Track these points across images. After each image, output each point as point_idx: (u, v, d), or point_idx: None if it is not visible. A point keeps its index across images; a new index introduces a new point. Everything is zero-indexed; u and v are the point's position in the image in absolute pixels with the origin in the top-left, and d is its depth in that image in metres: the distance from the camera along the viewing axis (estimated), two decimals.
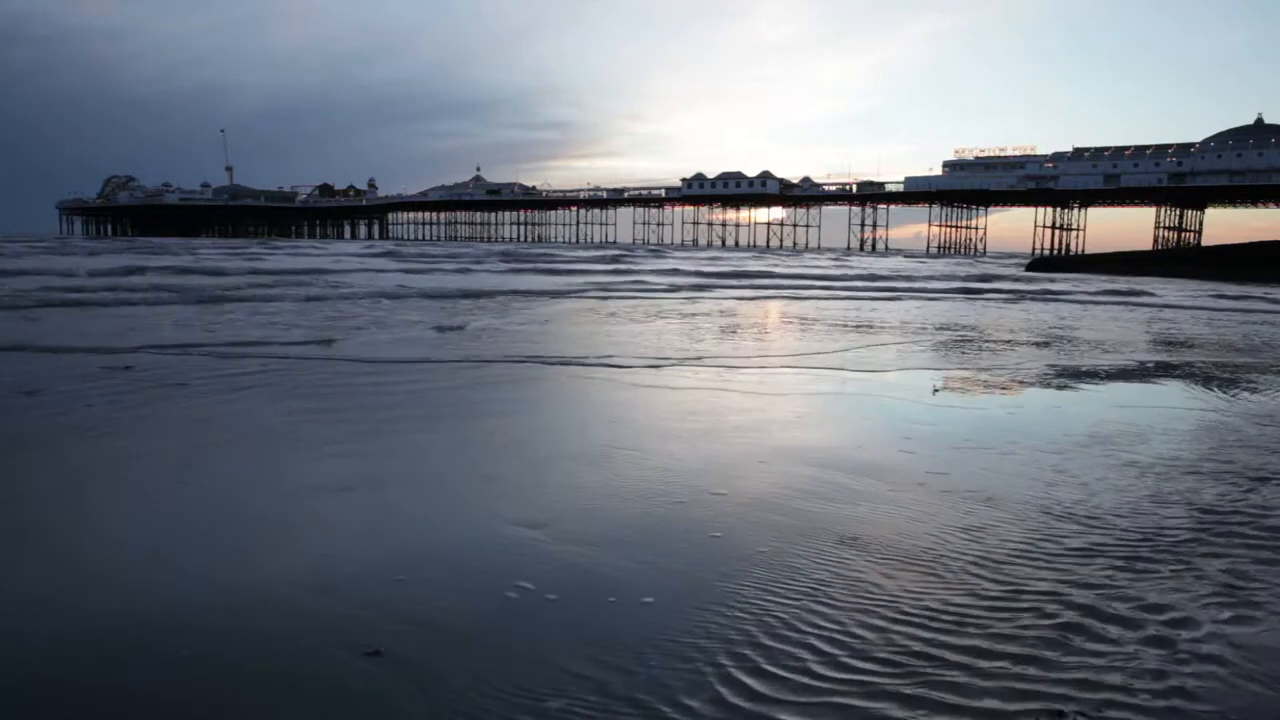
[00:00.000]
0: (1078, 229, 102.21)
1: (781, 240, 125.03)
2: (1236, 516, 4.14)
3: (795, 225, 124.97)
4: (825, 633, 2.90)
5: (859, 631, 2.91)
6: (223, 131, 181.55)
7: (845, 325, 14.34)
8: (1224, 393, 7.97)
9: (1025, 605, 3.12)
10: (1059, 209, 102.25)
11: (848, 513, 4.15)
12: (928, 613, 3.05)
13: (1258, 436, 5.98)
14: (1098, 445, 5.60)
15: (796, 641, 2.84)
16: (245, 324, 12.04)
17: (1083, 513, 4.16)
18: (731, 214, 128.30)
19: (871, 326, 14.26)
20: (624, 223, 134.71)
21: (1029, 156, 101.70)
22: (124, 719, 2.38)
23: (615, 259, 44.32)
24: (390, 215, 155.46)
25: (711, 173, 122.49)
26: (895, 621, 2.98)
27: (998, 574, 3.40)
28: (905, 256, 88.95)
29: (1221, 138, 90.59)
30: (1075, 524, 4.00)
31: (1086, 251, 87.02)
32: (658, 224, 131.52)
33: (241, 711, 2.41)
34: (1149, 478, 4.82)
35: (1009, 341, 12.23)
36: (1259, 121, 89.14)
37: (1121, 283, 31.71)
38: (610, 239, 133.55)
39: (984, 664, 2.70)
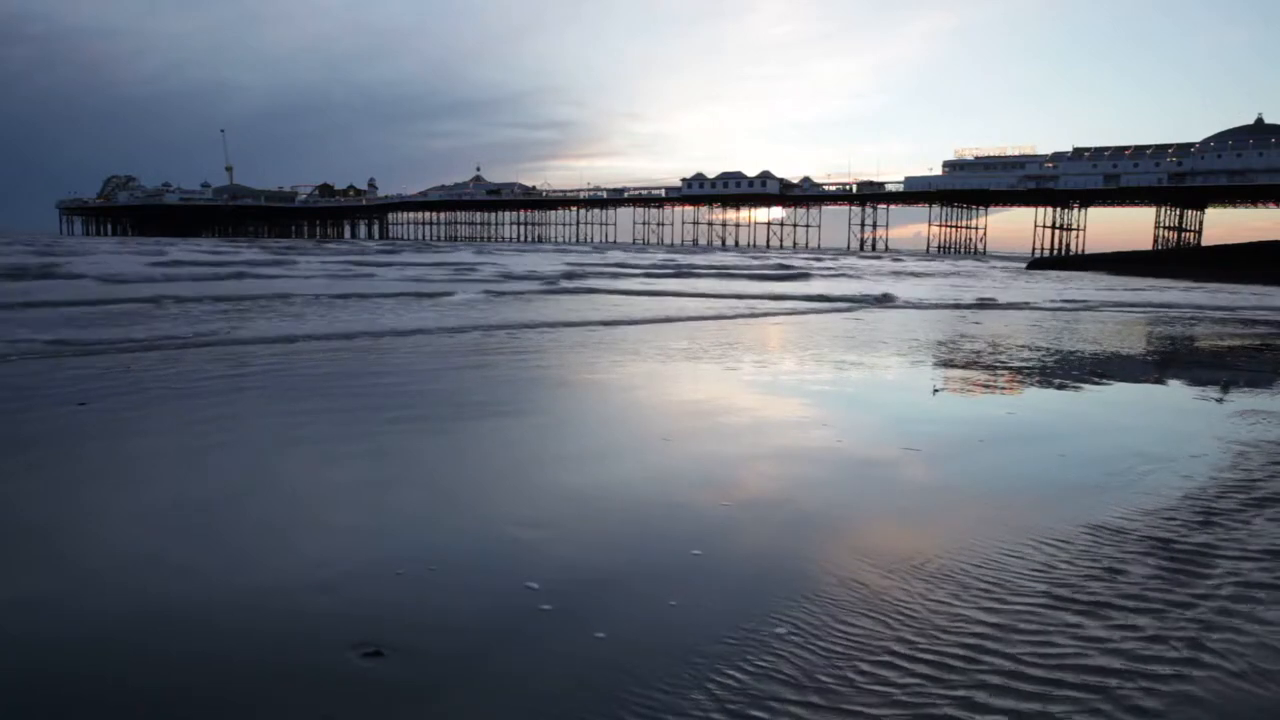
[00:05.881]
0: (1078, 229, 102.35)
1: (781, 240, 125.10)
2: None
3: (795, 225, 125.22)
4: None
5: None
6: (223, 131, 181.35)
7: None
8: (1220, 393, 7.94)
9: None
10: (1059, 209, 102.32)
11: None
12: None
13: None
14: None
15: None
16: None
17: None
18: (731, 214, 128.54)
19: None
20: (624, 223, 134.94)
21: (1029, 156, 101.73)
22: (122, 719, 2.34)
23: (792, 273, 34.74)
24: (390, 215, 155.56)
25: (711, 173, 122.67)
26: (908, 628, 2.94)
27: None
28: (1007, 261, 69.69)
29: (1221, 138, 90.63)
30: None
31: (1086, 251, 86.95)
32: (658, 224, 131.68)
33: (241, 711, 2.37)
34: None
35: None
36: (1259, 121, 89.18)
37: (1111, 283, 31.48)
38: (610, 239, 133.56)
39: None
